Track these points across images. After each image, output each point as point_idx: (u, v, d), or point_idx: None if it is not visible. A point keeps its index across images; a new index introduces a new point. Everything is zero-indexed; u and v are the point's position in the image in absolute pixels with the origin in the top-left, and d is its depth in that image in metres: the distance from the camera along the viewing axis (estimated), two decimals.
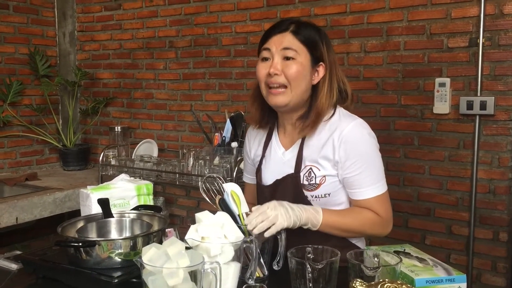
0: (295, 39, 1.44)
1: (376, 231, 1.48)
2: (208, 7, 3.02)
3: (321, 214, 1.38)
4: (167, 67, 3.24)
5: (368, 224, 1.45)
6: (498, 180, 2.26)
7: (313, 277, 1.10)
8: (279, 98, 1.45)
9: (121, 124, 3.45)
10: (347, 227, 1.44)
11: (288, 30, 1.45)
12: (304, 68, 1.44)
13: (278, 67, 1.43)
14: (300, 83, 1.44)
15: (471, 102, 2.26)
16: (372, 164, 1.45)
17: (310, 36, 1.47)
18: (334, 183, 1.48)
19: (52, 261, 1.33)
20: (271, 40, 1.46)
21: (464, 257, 2.36)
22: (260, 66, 1.48)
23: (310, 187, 1.48)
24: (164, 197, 3.16)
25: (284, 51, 1.44)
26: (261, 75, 1.47)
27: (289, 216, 1.31)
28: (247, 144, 1.73)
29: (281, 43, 1.44)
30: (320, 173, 1.47)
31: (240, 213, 1.37)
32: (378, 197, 1.45)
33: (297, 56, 1.44)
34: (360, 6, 2.51)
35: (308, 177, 1.48)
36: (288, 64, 1.43)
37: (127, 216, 1.51)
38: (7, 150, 3.32)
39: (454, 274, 1.18)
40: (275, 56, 1.44)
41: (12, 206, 2.53)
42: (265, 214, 1.29)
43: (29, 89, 3.41)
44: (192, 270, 1.01)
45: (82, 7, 3.60)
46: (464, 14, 2.27)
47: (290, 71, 1.43)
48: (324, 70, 1.48)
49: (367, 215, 1.45)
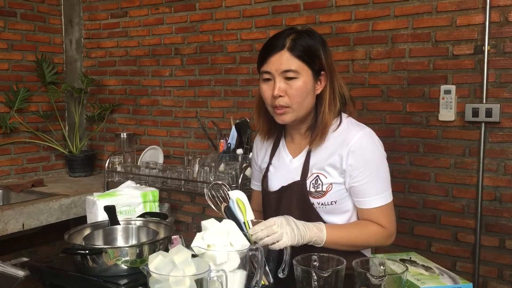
0: (293, 58, 1.42)
1: (380, 243, 1.50)
2: (213, 14, 3.03)
3: (325, 232, 1.39)
4: (173, 74, 3.25)
5: (373, 237, 1.47)
6: (504, 188, 2.25)
7: (319, 285, 1.10)
8: (285, 117, 1.47)
9: (127, 130, 3.47)
10: (351, 242, 1.45)
11: (285, 47, 1.42)
12: (307, 85, 1.44)
13: (281, 90, 1.43)
14: (303, 101, 1.45)
15: (476, 109, 2.26)
16: (379, 174, 1.46)
17: (308, 48, 1.44)
18: (340, 191, 1.48)
19: (59, 268, 1.33)
20: (270, 62, 1.44)
21: (470, 265, 2.34)
22: (263, 87, 1.48)
23: (317, 194, 1.48)
24: (170, 203, 3.17)
25: (285, 74, 1.43)
26: (267, 96, 1.47)
27: (293, 236, 1.32)
28: (255, 151, 1.74)
29: (280, 65, 1.42)
30: (327, 180, 1.47)
31: (246, 220, 1.38)
32: (383, 207, 1.47)
33: (298, 75, 1.43)
34: (365, 14, 2.52)
35: (315, 184, 1.48)
36: (290, 84, 1.43)
37: (133, 223, 1.52)
38: (14, 157, 3.34)
39: (460, 282, 1.18)
40: (276, 79, 1.43)
41: (19, 212, 2.54)
42: (271, 230, 1.30)
43: (36, 96, 3.44)
44: (198, 278, 1.01)
45: (88, 14, 3.63)
46: (469, 21, 2.27)
47: (292, 92, 1.43)
48: (325, 78, 1.49)
49: (372, 229, 1.46)
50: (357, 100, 2.54)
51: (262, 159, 1.68)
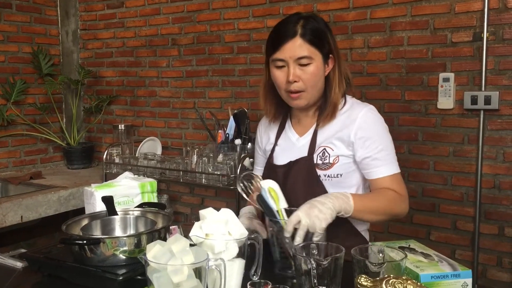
0: (306, 44, 1.47)
1: (400, 208, 1.51)
2: (210, 4, 3.01)
3: (352, 200, 1.38)
4: (170, 64, 3.24)
5: (393, 202, 1.49)
6: (503, 175, 2.25)
7: (317, 273, 1.10)
8: (300, 101, 1.52)
9: (124, 122, 3.46)
10: (377, 209, 1.47)
11: (297, 34, 1.46)
12: (319, 69, 1.50)
13: (296, 75, 1.47)
14: (316, 84, 1.51)
15: (475, 97, 2.25)
16: (388, 145, 1.55)
17: (318, 33, 1.49)
18: (347, 164, 1.53)
19: (57, 259, 1.33)
20: (283, 49, 1.47)
21: (470, 253, 2.35)
22: (276, 73, 1.51)
23: (324, 166, 1.53)
24: (168, 194, 3.16)
25: (299, 60, 1.47)
26: (280, 82, 1.52)
27: (324, 217, 1.29)
28: (258, 136, 1.78)
29: (293, 53, 1.46)
30: (334, 152, 1.53)
31: (279, 209, 1.39)
32: (396, 175, 1.53)
33: (311, 60, 1.48)
34: (363, 2, 2.50)
35: (322, 156, 1.53)
36: (304, 70, 1.48)
37: (131, 213, 1.51)
38: (11, 149, 3.33)
39: (460, 269, 1.17)
40: (291, 66, 1.47)
41: (17, 204, 2.54)
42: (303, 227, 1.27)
43: (32, 88, 3.42)
44: (196, 267, 1.01)
45: (84, 5, 3.61)
46: (468, 8, 2.25)
47: (307, 77, 1.49)
48: (333, 60, 1.54)
49: (392, 195, 1.49)
50: (355, 89, 2.54)
51: (267, 141, 1.71)
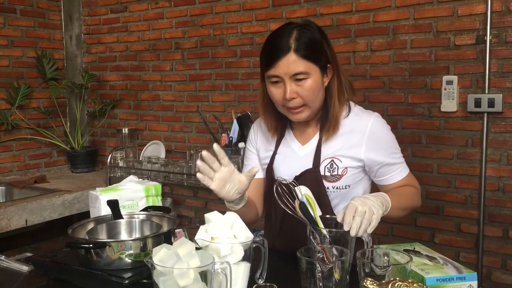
0: (300, 59, 1.39)
1: (418, 201, 1.58)
2: (213, 8, 3.02)
3: (389, 198, 1.37)
4: (174, 68, 3.25)
5: (415, 197, 1.55)
6: (507, 178, 2.25)
7: (323, 276, 1.10)
8: (301, 115, 1.47)
9: (128, 126, 3.46)
10: (405, 205, 1.50)
11: (291, 49, 1.38)
12: (317, 82, 1.43)
13: (292, 92, 1.41)
14: (316, 98, 1.45)
15: (479, 99, 2.25)
16: (396, 148, 1.58)
17: (313, 45, 1.41)
18: (355, 175, 1.52)
19: (63, 262, 1.33)
20: (277, 66, 1.39)
21: (474, 255, 2.34)
22: (272, 89, 1.44)
23: (332, 178, 1.50)
24: (172, 198, 3.17)
25: (294, 76, 1.40)
26: (277, 99, 1.45)
27: (379, 205, 1.29)
28: (253, 135, 1.69)
29: (288, 69, 1.39)
30: (342, 164, 1.49)
31: (316, 215, 1.32)
32: (410, 173, 1.58)
33: (308, 75, 1.40)
34: (366, 5, 2.51)
35: (330, 168, 1.50)
36: (302, 85, 1.41)
37: (137, 217, 1.51)
38: (16, 153, 3.35)
39: (465, 272, 1.17)
40: (286, 82, 1.40)
41: (22, 208, 2.54)
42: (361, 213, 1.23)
43: (36, 92, 3.44)
44: (202, 270, 1.01)
45: (88, 10, 3.62)
46: (471, 11, 2.26)
47: (304, 92, 1.41)
48: (332, 70, 1.48)
49: (412, 190, 1.55)
50: (359, 92, 2.55)
51: (266, 147, 1.63)
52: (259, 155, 1.67)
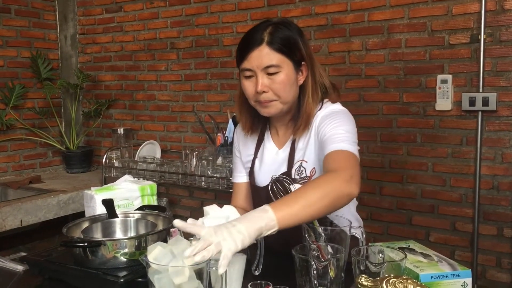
0: (273, 52, 1.39)
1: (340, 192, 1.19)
2: (209, 7, 3.02)
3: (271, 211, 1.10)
4: (169, 68, 3.24)
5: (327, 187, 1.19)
6: (502, 176, 2.26)
7: (318, 274, 1.10)
8: (270, 109, 1.45)
9: (123, 126, 3.46)
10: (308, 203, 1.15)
11: (264, 42, 1.39)
12: (289, 77, 1.42)
13: (264, 85, 1.40)
14: (288, 93, 1.44)
15: (473, 98, 2.26)
16: (347, 124, 1.42)
17: (287, 40, 1.41)
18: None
19: (58, 262, 1.33)
20: (250, 58, 1.40)
21: (469, 254, 2.35)
22: (245, 83, 1.44)
23: (302, 180, 1.48)
24: (168, 198, 3.17)
25: (266, 69, 1.39)
26: (249, 92, 1.44)
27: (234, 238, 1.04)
28: (236, 142, 1.70)
29: (260, 61, 1.39)
30: (309, 165, 1.48)
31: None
32: (346, 152, 1.32)
33: (280, 69, 1.40)
34: (360, 4, 2.52)
35: (299, 171, 1.49)
36: (273, 79, 1.40)
37: (132, 216, 1.52)
38: (11, 154, 3.33)
39: (459, 269, 1.18)
40: (258, 75, 1.40)
41: (17, 209, 2.54)
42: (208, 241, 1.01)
43: (31, 92, 3.42)
44: (197, 268, 1.01)
45: (83, 10, 3.61)
46: (465, 10, 2.27)
47: (276, 86, 1.41)
48: (306, 68, 1.47)
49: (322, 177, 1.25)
50: (353, 92, 2.56)
51: (246, 152, 1.65)
52: (241, 159, 1.68)
